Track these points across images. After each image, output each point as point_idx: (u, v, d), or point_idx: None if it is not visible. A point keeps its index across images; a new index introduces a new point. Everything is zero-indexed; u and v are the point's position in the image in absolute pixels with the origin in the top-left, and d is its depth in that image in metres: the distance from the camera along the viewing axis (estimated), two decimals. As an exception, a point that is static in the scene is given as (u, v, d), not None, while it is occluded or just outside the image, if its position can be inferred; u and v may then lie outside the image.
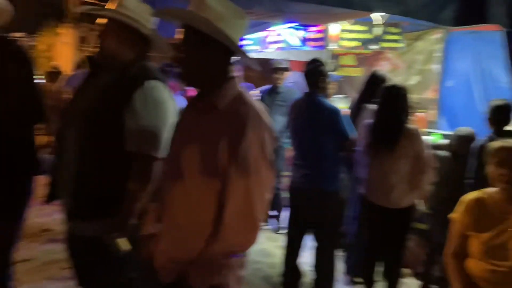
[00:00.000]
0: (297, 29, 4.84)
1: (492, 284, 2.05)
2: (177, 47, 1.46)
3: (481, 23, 2.53)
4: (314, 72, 2.93)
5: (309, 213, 3.02)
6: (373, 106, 3.34)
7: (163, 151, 1.81)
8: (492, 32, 4.84)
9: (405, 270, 3.33)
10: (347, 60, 6.32)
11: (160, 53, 2.07)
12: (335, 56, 6.09)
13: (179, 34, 1.46)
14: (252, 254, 4.03)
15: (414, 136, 2.81)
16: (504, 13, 2.55)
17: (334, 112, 2.89)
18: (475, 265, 2.12)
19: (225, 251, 1.41)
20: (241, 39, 5.42)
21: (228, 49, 1.45)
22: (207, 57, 1.44)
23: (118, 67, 1.87)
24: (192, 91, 5.07)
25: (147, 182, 1.75)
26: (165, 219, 1.51)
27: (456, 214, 2.27)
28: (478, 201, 2.18)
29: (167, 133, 1.82)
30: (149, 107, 1.80)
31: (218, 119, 1.42)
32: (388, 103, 2.88)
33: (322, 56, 5.56)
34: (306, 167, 2.96)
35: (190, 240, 1.42)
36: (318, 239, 3.10)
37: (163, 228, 1.51)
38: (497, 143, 2.13)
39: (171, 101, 1.95)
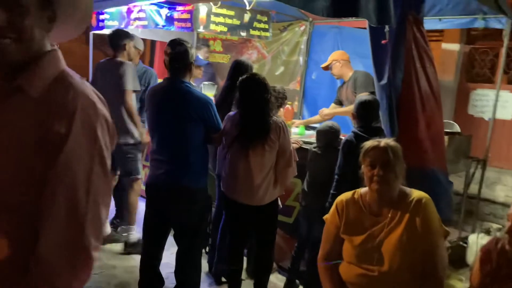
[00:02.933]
0: (161, 6, 4.38)
1: (362, 288, 1.99)
2: None
3: (351, 16, 2.46)
4: (181, 55, 2.56)
5: (172, 214, 2.69)
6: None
7: None
8: (354, 29, 5.06)
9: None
10: (215, 45, 6.08)
11: None
12: (204, 40, 5.80)
13: None
14: (105, 258, 3.59)
15: (280, 128, 2.66)
16: (372, 9, 2.52)
17: (207, 102, 2.58)
18: (348, 269, 2.04)
19: None
20: (101, 13, 4.62)
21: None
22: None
23: None
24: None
25: None
26: None
27: (328, 215, 2.17)
28: (348, 202, 2.10)
29: None
30: None
31: (30, 109, 1.00)
32: (247, 95, 2.66)
33: (189, 39, 5.19)
34: (169, 162, 2.61)
35: None
36: (181, 240, 2.79)
37: None
38: (369, 143, 2.04)
39: None
